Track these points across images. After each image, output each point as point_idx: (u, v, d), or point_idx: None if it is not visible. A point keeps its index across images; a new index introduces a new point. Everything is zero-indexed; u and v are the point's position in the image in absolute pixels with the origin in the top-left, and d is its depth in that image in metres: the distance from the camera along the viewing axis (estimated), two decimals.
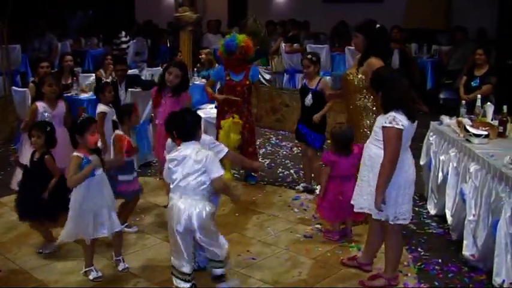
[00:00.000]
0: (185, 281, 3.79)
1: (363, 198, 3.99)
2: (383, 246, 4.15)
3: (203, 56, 9.05)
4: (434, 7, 12.35)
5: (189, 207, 3.70)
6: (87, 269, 4.20)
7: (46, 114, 5.40)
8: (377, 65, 4.49)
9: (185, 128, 3.84)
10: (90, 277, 4.16)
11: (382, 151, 3.76)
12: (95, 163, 4.07)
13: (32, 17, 11.44)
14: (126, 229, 4.81)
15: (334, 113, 6.01)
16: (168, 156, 3.85)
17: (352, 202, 4.14)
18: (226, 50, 5.97)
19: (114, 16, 14.40)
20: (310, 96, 5.75)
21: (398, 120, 3.69)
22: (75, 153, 4.06)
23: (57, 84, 5.64)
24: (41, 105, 5.46)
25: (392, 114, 3.71)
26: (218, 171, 3.74)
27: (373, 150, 3.88)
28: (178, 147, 3.84)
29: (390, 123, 3.69)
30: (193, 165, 3.71)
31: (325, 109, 5.74)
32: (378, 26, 4.87)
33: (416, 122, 3.85)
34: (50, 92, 5.49)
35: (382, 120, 3.77)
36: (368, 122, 4.85)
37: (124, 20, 13.87)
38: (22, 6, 9.13)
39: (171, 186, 3.81)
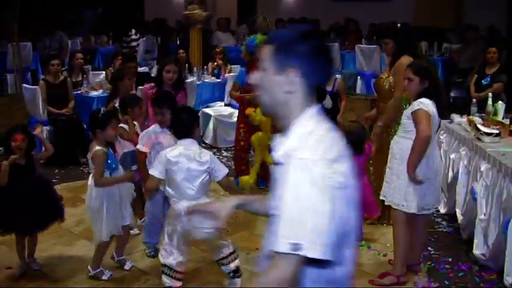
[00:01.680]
0: (177, 279, 3.68)
1: (390, 190, 4.03)
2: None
3: (219, 58, 9.08)
4: (443, 5, 12.29)
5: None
6: (97, 270, 4.15)
7: None
8: (407, 62, 4.38)
9: (182, 125, 3.67)
10: (104, 277, 4.13)
11: (411, 141, 3.81)
12: (128, 176, 4.11)
13: (31, 17, 11.47)
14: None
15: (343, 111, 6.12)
16: (167, 155, 3.59)
17: (381, 197, 4.16)
18: (247, 50, 6.05)
19: (123, 14, 14.44)
20: (329, 98, 5.82)
21: (426, 104, 3.78)
22: (98, 147, 3.90)
23: (134, 77, 5.57)
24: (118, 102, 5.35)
25: (419, 100, 3.81)
26: (224, 170, 3.69)
27: (403, 143, 3.92)
28: (176, 146, 3.65)
29: (418, 105, 3.79)
30: (198, 167, 3.57)
31: (343, 109, 6.02)
32: (398, 25, 4.95)
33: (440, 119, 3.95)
34: (129, 86, 5.44)
35: (409, 109, 3.87)
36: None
37: (134, 18, 13.91)
38: (22, 6, 9.15)
39: (169, 189, 3.65)
